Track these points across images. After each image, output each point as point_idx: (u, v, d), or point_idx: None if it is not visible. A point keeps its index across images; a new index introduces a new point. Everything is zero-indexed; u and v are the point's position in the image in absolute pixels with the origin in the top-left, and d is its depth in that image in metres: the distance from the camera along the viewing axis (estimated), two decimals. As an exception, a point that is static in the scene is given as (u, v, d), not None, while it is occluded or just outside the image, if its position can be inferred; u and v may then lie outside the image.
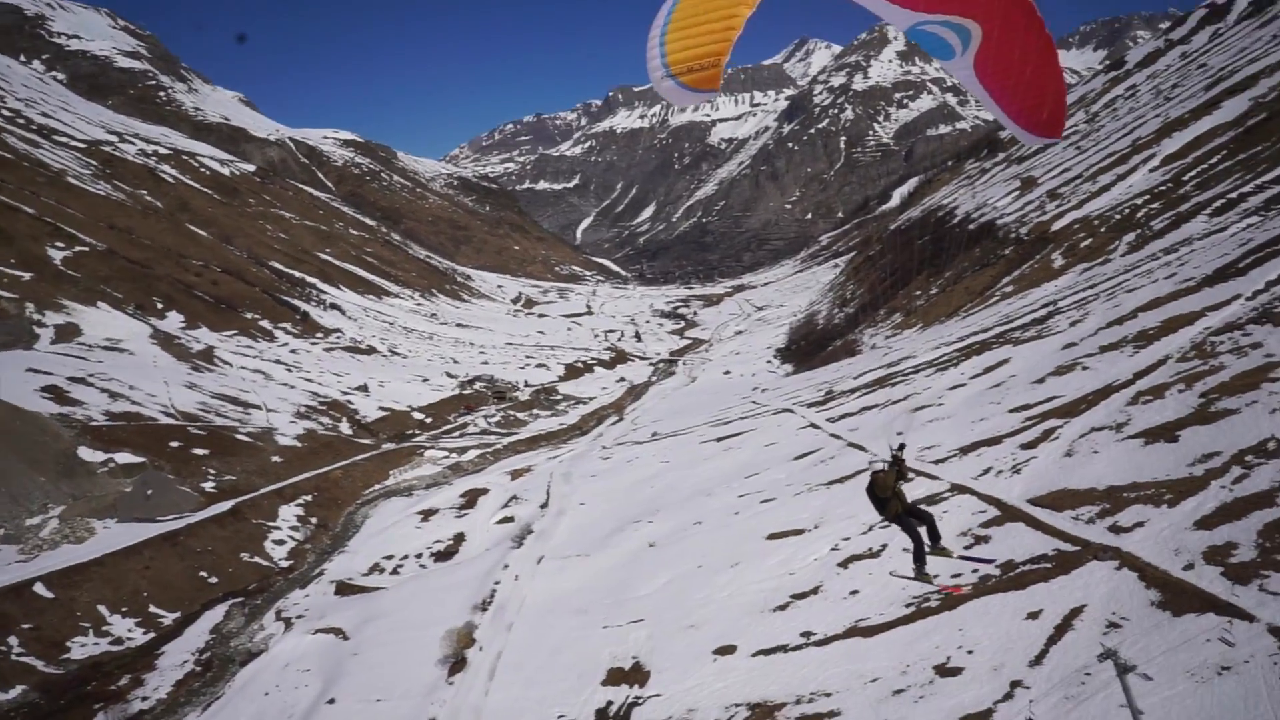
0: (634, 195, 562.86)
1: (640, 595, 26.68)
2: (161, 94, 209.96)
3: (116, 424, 48.51)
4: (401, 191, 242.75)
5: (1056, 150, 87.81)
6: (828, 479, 32.41)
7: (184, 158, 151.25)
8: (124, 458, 44.76)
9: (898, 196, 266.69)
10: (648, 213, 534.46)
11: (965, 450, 28.30)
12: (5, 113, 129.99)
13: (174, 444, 48.28)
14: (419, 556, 39.42)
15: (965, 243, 72.01)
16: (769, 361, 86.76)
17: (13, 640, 30.33)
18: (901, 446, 12.31)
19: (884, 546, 24.20)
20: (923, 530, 12.45)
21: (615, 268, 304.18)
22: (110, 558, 35.71)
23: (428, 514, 44.92)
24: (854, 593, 22.49)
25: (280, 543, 41.70)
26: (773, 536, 27.82)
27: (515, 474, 50.99)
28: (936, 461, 28.52)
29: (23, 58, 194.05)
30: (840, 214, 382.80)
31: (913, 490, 26.35)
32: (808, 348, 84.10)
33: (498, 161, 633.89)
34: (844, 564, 24.25)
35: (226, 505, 42.56)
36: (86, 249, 79.88)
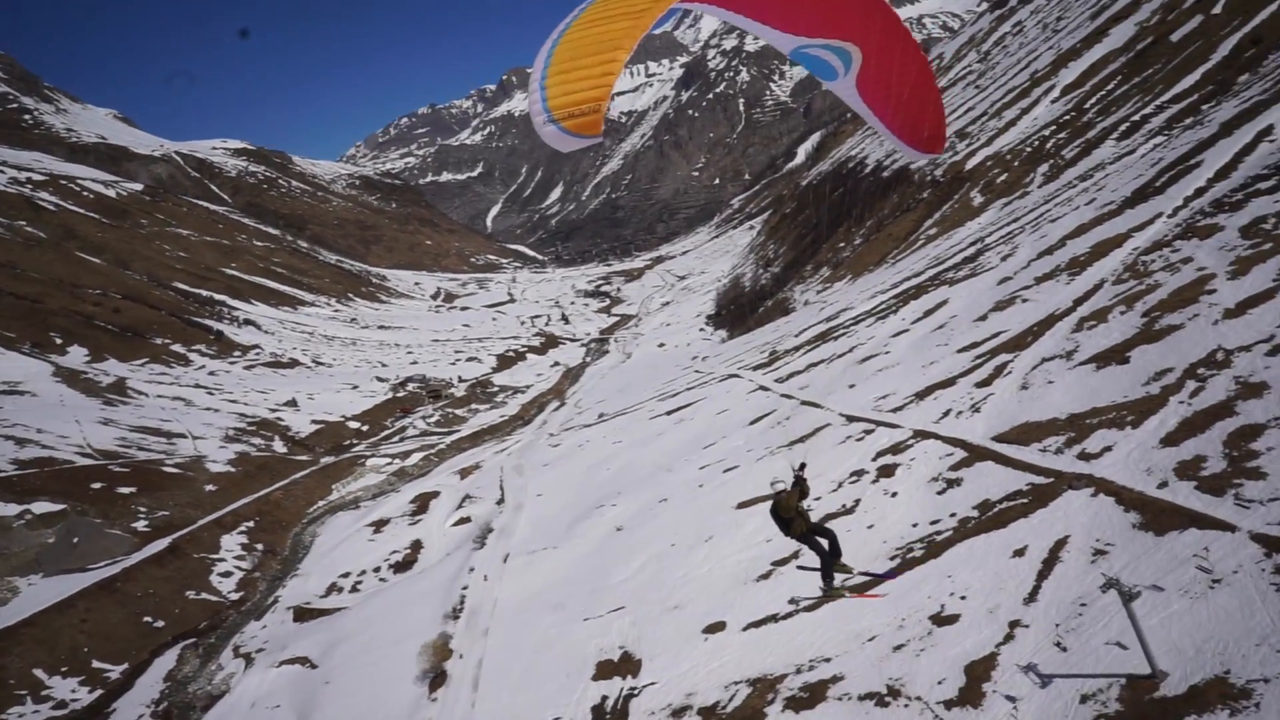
0: (540, 178, 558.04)
1: (617, 582, 26.11)
2: (27, 116, 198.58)
3: (28, 472, 45.56)
4: (302, 197, 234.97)
5: (956, 91, 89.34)
6: (788, 440, 32.26)
7: (63, 182, 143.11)
8: (41, 507, 42.05)
9: (803, 153, 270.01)
10: (556, 194, 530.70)
11: (921, 395, 28.38)
12: None
13: (96, 485, 45.60)
14: (377, 570, 38.07)
15: (881, 191, 72.83)
16: (701, 330, 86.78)
17: (-55, 722, 28.22)
18: (803, 466, 12.31)
19: (857, 502, 24.07)
20: (825, 543, 12.61)
21: (531, 253, 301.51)
22: (41, 616, 33.48)
23: (379, 525, 43.46)
24: (835, 552, 22.34)
25: (227, 575, 39.80)
26: (742, 505, 27.50)
27: (464, 473, 49.74)
28: (894, 410, 28.55)
29: None
30: (748, 176, 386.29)
31: (877, 441, 26.44)
32: (739, 311, 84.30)
33: (397, 157, 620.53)
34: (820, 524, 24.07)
35: (163, 543, 40.40)
36: (-33, 289, 74.94)
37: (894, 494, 23.30)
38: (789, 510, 12.18)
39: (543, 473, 44.22)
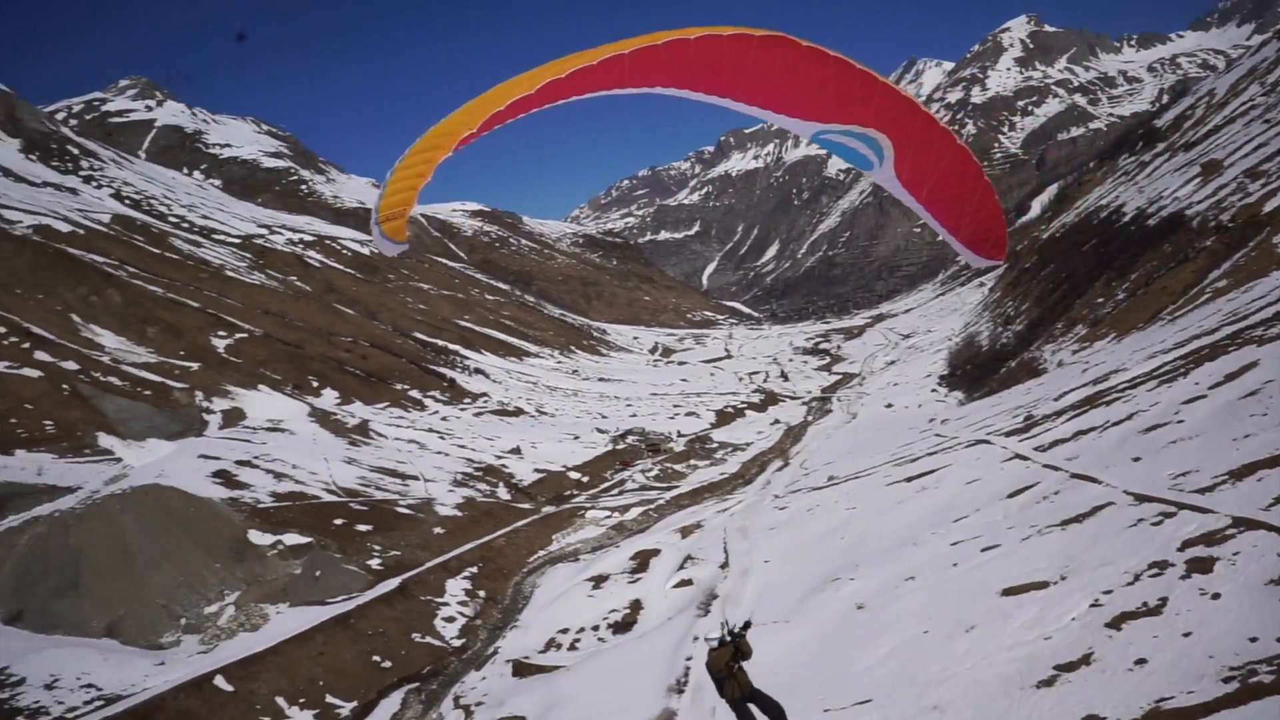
0: (756, 236, 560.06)
1: (860, 669, 22.85)
2: (303, 187, 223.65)
3: (282, 504, 48.74)
4: (530, 254, 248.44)
5: (1237, 128, 79.37)
6: (1059, 519, 27.78)
7: (327, 242, 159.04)
8: (291, 539, 44.59)
9: (1038, 206, 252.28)
10: (772, 252, 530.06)
11: (1237, 475, 23.34)
12: (172, 219, 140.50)
13: (337, 521, 48.00)
14: (595, 629, 36.82)
15: (1146, 240, 65.16)
16: (934, 390, 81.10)
17: (197, 739, 29.46)
18: (747, 625, 10.90)
19: (1163, 601, 19.68)
20: None
21: (746, 310, 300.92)
22: (285, 645, 34.85)
23: (598, 580, 42.45)
24: (1140, 662, 18.03)
25: (450, 620, 40.10)
26: (1008, 592, 23.51)
27: (685, 531, 48.03)
28: (1201, 491, 23.66)
29: (185, 169, 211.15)
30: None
31: (1181, 527, 21.85)
32: (975, 372, 78.03)
33: (618, 217, 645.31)
34: (1114, 624, 19.77)
35: (394, 583, 41.46)
36: (245, 335, 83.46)
37: (1216, 595, 18.74)
38: (719, 670, 10.69)
39: (769, 537, 41.54)
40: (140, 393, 64.91)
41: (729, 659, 10.65)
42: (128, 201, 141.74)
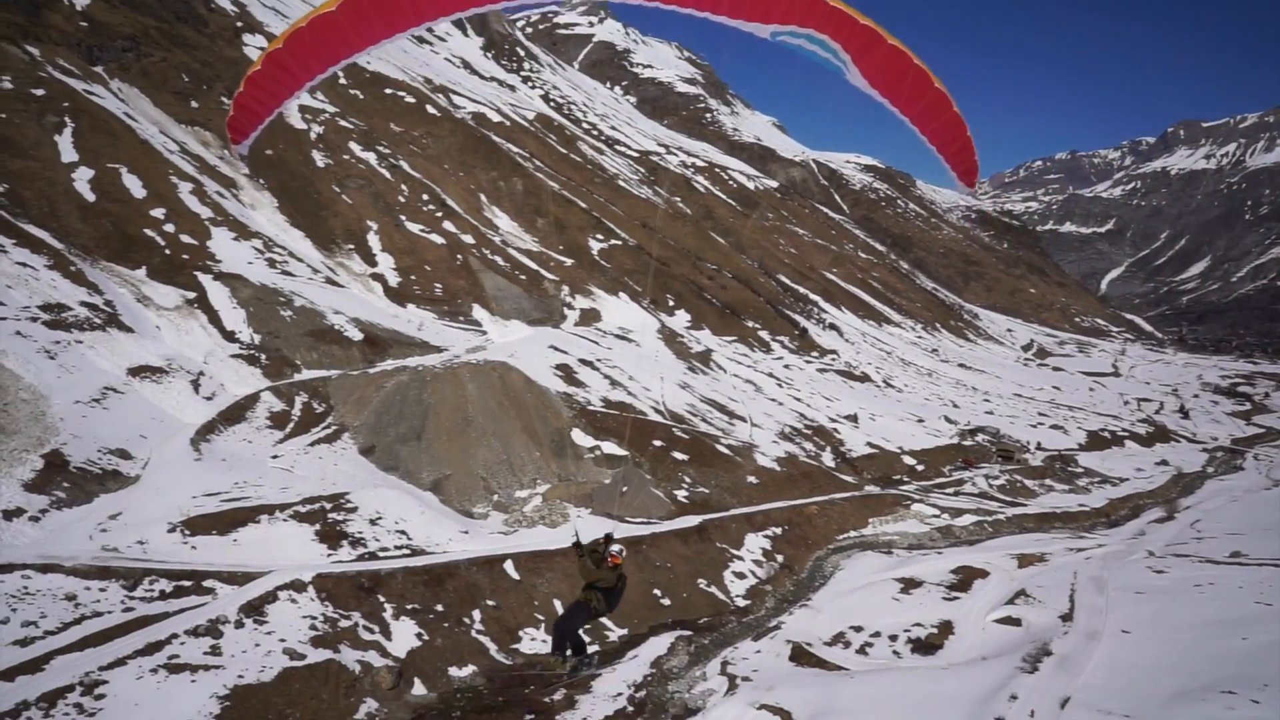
0: (1181, 247, 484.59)
1: None
2: (708, 115, 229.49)
3: (610, 412, 48.93)
4: (915, 220, 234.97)
5: None
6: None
7: (717, 170, 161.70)
8: (609, 447, 44.43)
9: None
10: (1198, 268, 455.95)
11: None
12: (585, 125, 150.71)
13: (657, 443, 47.15)
14: (894, 639, 31.91)
15: None
16: None
17: (476, 614, 29.69)
18: (608, 538, 13.56)
19: None
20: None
21: (1148, 327, 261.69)
22: (574, 551, 34.42)
23: (909, 584, 37.16)
24: None
25: (740, 576, 37.40)
26: None
27: (1024, 560, 40.72)
28: None
29: (608, 83, 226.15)
30: None
31: None
32: None
33: (1020, 199, 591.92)
34: None
35: (695, 520, 39.50)
36: (619, 243, 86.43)
37: None
38: (587, 576, 12.96)
39: (1134, 602, 33.36)
40: (517, 276, 69.44)
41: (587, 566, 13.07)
42: (552, 104, 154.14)
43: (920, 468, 59.30)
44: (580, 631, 13.77)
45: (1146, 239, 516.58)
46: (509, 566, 32.47)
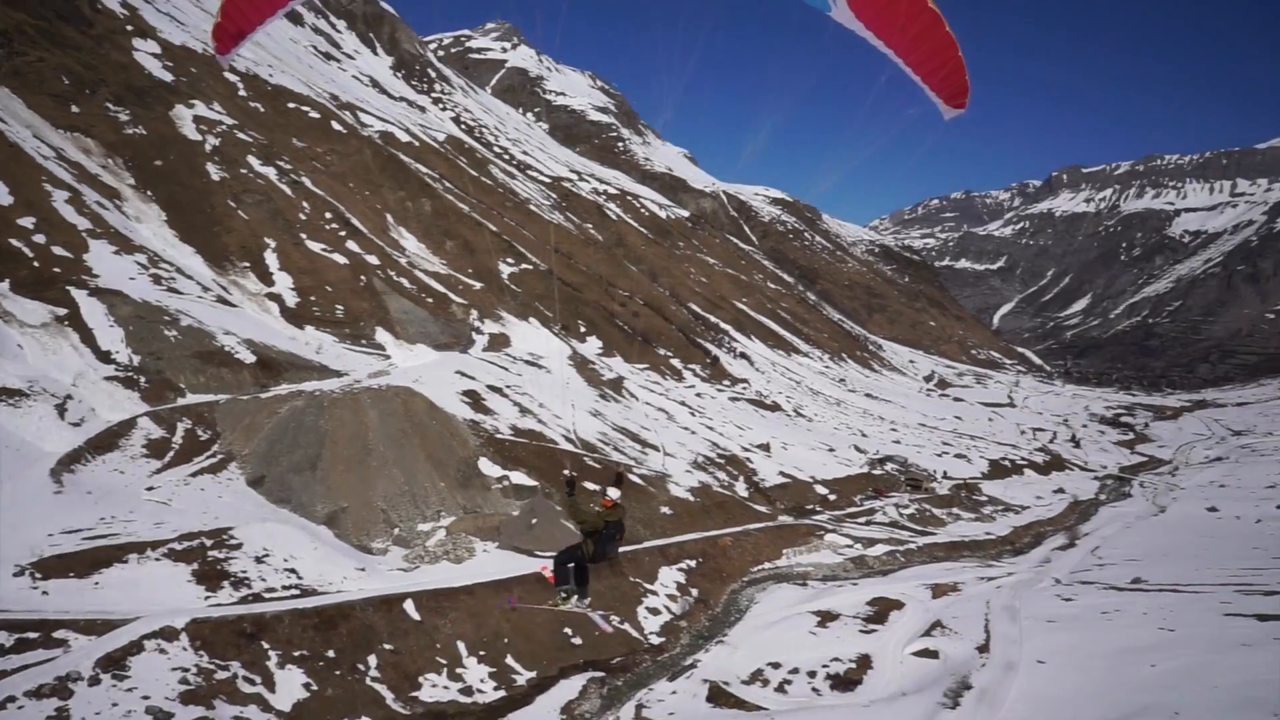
0: (1066, 285, 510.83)
1: None
2: (620, 144, 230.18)
3: (519, 440, 47.01)
4: (821, 253, 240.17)
5: None
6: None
7: (629, 198, 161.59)
8: (518, 477, 42.51)
9: None
10: (1080, 305, 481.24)
11: None
12: (496, 149, 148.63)
13: (567, 472, 45.43)
14: (812, 675, 30.97)
15: None
16: (1279, 507, 65.46)
17: (371, 660, 27.39)
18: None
19: None
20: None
21: (1037, 360, 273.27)
22: (482, 589, 32.32)
23: (826, 617, 36.40)
24: None
25: (655, 612, 35.96)
26: None
27: (937, 590, 40.51)
28: None
29: (521, 109, 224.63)
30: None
31: None
32: (1349, 499, 61.85)
33: (918, 235, 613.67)
34: None
35: (607, 553, 37.96)
36: (530, 267, 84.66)
37: None
38: (572, 515, 13.65)
39: (1047, 631, 33.32)
40: (424, 299, 66.91)
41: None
42: (464, 126, 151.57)
43: (832, 497, 59.14)
44: (568, 566, 14.16)
45: (1035, 276, 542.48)
46: (409, 606, 30.24)
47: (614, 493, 13.59)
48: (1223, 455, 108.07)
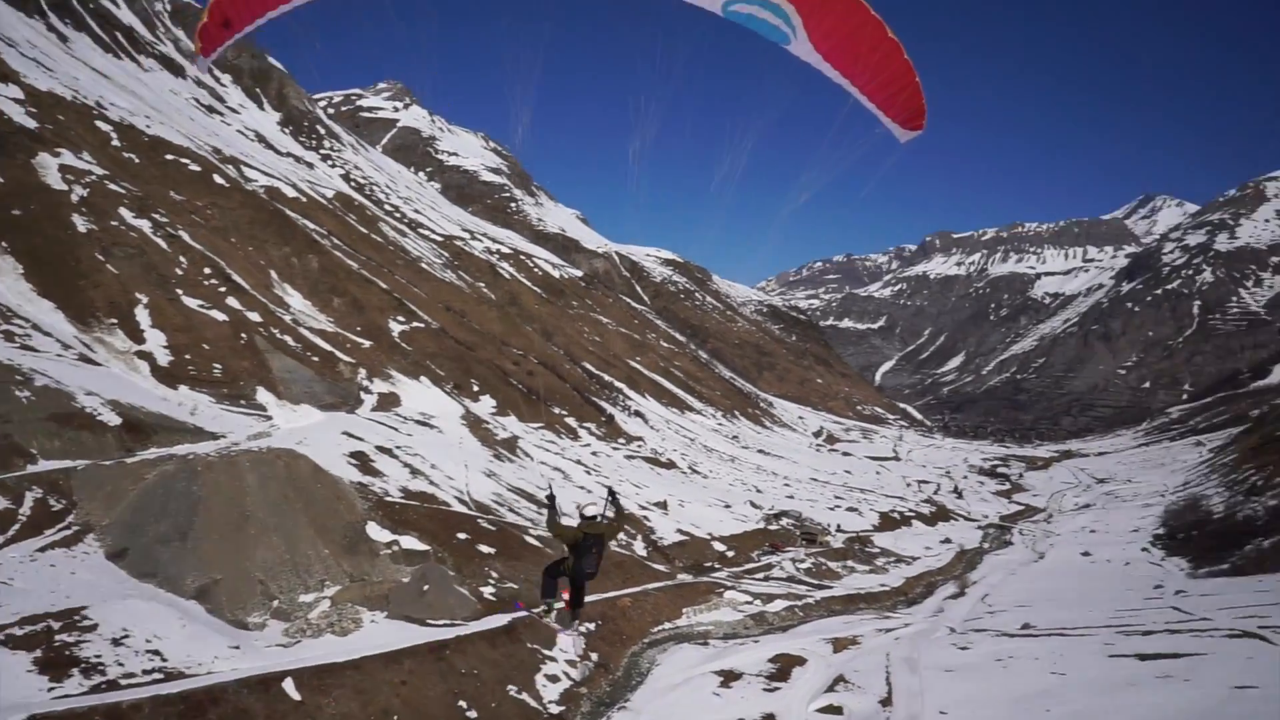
0: (941, 343, 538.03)
1: None
2: (512, 205, 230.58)
3: (410, 503, 45.10)
4: (712, 312, 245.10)
5: None
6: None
7: (522, 257, 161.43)
8: (409, 542, 40.58)
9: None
10: (955, 362, 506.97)
11: None
12: (387, 207, 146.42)
13: (461, 535, 43.76)
14: (719, 740, 30.24)
15: None
16: (1145, 550, 69.10)
17: (244, 749, 25.16)
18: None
19: None
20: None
21: (918, 415, 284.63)
22: (369, 663, 30.32)
23: (729, 677, 35.80)
24: None
25: (554, 679, 34.53)
26: None
27: (838, 645, 40.56)
28: None
29: (413, 169, 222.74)
30: (1189, 386, 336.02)
31: None
32: (1205, 540, 65.67)
33: (803, 296, 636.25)
34: None
35: (504, 619, 36.38)
36: (422, 325, 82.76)
37: None
38: (551, 530, 14.10)
39: (947, 681, 33.65)
40: (309, 357, 64.24)
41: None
42: (353, 184, 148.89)
43: (730, 553, 58.99)
44: (554, 578, 14.96)
45: (913, 335, 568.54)
46: (289, 686, 27.99)
47: (591, 509, 14.26)
48: (1090, 502, 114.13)
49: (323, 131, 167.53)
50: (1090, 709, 28.55)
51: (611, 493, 14.95)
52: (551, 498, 14.83)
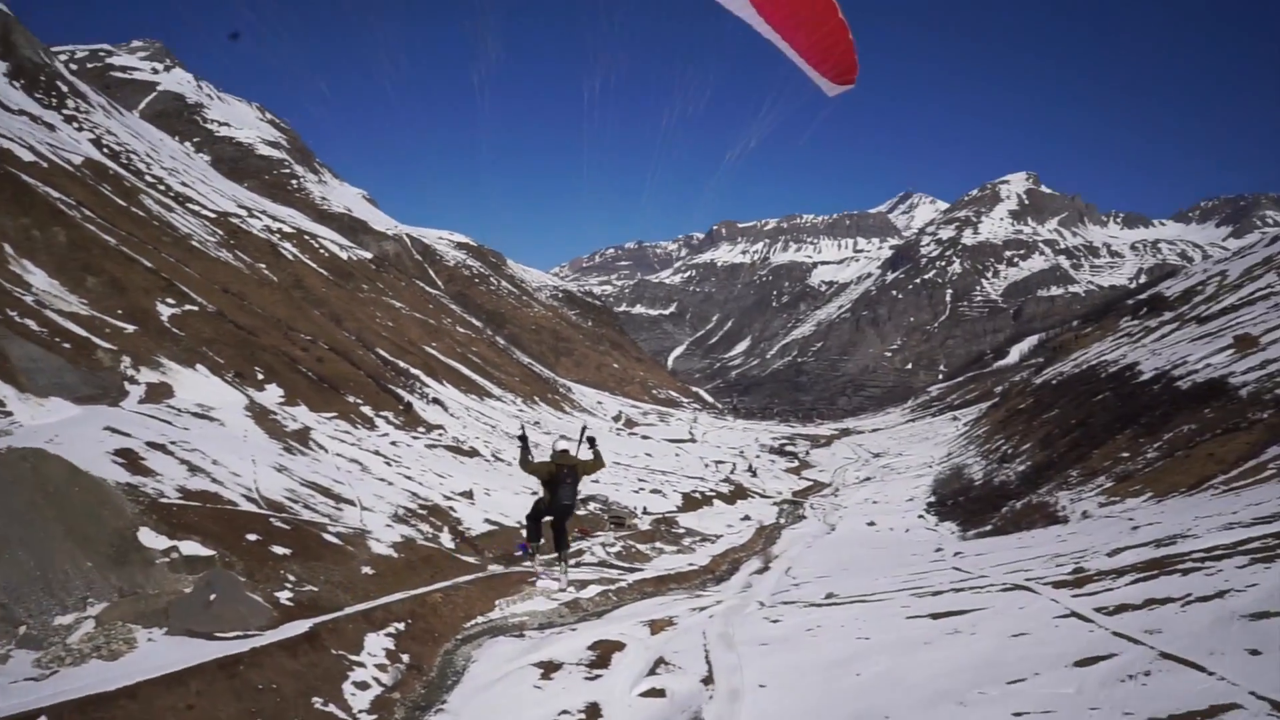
0: (729, 329, 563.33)
1: None
2: (294, 182, 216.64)
3: (190, 504, 40.64)
4: (508, 297, 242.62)
5: (1258, 310, 76.78)
6: (1165, 712, 21.60)
7: (306, 238, 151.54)
8: (190, 548, 36.47)
9: (1017, 353, 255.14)
10: (742, 347, 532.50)
11: None
12: (149, 178, 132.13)
13: (251, 537, 39.92)
14: (543, 732, 29.32)
15: (1177, 403, 60.98)
16: (920, 516, 75.05)
17: (-8, 798, 21.42)
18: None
19: None
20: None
21: (709, 398, 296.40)
22: (146, 687, 26.73)
23: (548, 668, 34.76)
24: None
25: (363, 686, 32.06)
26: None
27: (655, 627, 40.56)
28: None
29: (177, 138, 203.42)
30: (944, 367, 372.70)
31: None
32: (970, 505, 72.26)
33: (597, 282, 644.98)
34: None
35: (304, 626, 33.37)
36: (196, 309, 75.25)
37: None
38: (523, 469, 15.62)
39: (762, 654, 34.44)
40: (58, 344, 56.49)
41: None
42: (106, 150, 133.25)
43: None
44: (537, 521, 15.78)
45: (702, 321, 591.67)
46: (46, 722, 24.27)
47: (563, 443, 15.11)
48: (870, 475, 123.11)
49: (65, 89, 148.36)
50: (894, 667, 30.14)
51: (589, 436, 15.75)
52: (524, 437, 16.06)
